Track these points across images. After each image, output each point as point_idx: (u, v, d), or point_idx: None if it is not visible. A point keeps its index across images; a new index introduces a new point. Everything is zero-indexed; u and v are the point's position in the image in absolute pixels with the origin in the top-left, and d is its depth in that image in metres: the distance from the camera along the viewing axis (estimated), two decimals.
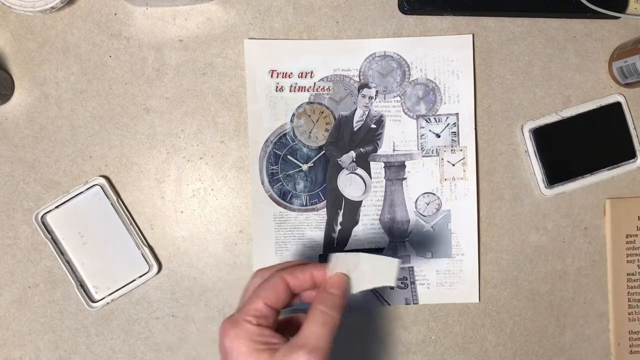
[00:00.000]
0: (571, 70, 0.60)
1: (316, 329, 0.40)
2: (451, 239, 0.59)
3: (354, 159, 0.59)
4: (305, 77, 0.58)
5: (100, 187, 0.57)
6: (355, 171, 0.59)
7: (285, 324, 0.45)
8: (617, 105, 0.59)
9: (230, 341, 0.40)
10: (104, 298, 0.57)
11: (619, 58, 0.58)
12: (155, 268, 0.57)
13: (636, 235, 0.60)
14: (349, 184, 0.59)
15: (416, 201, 0.59)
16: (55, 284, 0.57)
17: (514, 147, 0.60)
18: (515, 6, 0.58)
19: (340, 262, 0.43)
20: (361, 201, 0.59)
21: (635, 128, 0.60)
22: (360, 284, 0.43)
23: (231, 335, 0.40)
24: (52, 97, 0.57)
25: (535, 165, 0.59)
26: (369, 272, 0.43)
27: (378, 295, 0.59)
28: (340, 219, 0.59)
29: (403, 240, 0.59)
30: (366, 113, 0.59)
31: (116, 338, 0.58)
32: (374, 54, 0.58)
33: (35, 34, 0.57)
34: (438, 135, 0.59)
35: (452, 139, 0.59)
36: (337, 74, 0.58)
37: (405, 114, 0.59)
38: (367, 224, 0.59)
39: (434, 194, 0.59)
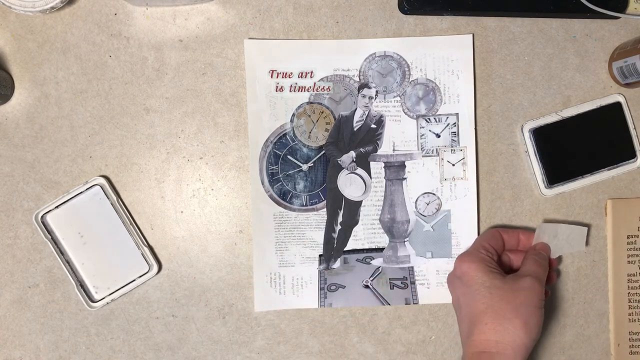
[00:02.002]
0: (571, 70, 0.60)
1: (534, 266, 0.52)
2: (451, 239, 0.59)
3: (354, 159, 0.59)
4: (305, 77, 0.58)
5: (100, 187, 0.57)
6: (355, 171, 0.59)
7: None
8: (617, 105, 0.59)
9: (467, 265, 0.52)
10: (104, 298, 0.57)
11: (619, 58, 0.58)
12: (155, 268, 0.57)
13: (637, 236, 0.60)
14: (349, 184, 0.59)
15: (416, 201, 0.59)
16: (55, 284, 0.57)
17: (514, 147, 0.60)
18: (515, 6, 0.58)
19: (543, 232, 0.56)
20: (361, 201, 0.59)
21: (635, 128, 0.60)
22: (559, 250, 0.56)
23: (468, 260, 0.52)
24: (52, 97, 0.57)
25: (535, 165, 0.59)
26: (565, 240, 0.56)
27: (378, 295, 0.59)
28: (340, 218, 0.59)
29: (403, 240, 0.59)
30: (366, 113, 0.59)
31: (116, 338, 0.58)
32: (374, 54, 0.58)
33: (35, 34, 0.57)
34: (438, 135, 0.59)
35: (452, 139, 0.59)
36: (337, 74, 0.58)
37: (405, 114, 0.59)
38: (367, 224, 0.59)
39: (434, 194, 0.59)
